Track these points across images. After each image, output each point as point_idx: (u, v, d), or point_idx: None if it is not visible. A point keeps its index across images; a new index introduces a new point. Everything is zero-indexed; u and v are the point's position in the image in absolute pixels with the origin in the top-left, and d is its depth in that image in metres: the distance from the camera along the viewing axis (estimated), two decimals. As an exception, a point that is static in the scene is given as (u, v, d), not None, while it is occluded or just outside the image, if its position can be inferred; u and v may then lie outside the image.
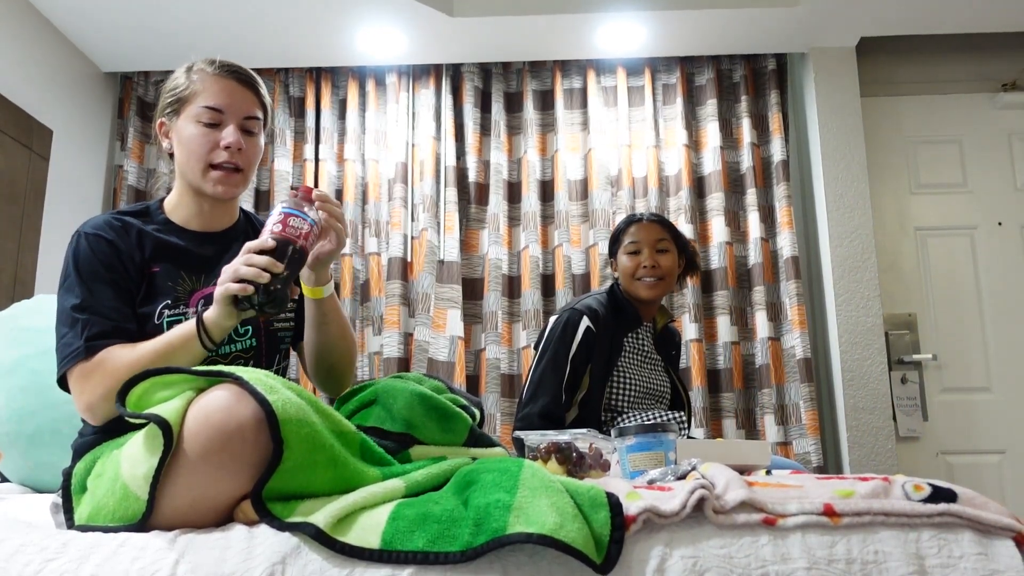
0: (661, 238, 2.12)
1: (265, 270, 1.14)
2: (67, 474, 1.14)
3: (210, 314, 1.18)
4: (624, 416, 2.01)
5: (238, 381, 0.98)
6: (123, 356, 1.19)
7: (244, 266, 1.14)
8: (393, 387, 1.23)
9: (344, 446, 1.03)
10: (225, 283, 1.14)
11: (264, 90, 1.40)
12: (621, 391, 2.05)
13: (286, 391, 1.00)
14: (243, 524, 0.97)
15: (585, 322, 2.02)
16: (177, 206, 1.38)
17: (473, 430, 1.24)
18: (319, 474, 0.98)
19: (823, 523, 0.92)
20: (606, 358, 2.03)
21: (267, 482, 0.94)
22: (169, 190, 1.45)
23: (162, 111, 1.38)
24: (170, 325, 1.26)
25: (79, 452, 1.23)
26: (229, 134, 1.31)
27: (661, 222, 2.16)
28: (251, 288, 1.14)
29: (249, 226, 1.47)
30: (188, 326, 1.19)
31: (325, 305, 1.35)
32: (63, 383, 1.24)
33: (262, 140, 1.40)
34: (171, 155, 1.38)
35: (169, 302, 1.28)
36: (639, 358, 2.12)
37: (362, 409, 1.25)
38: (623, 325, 2.10)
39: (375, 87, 3.20)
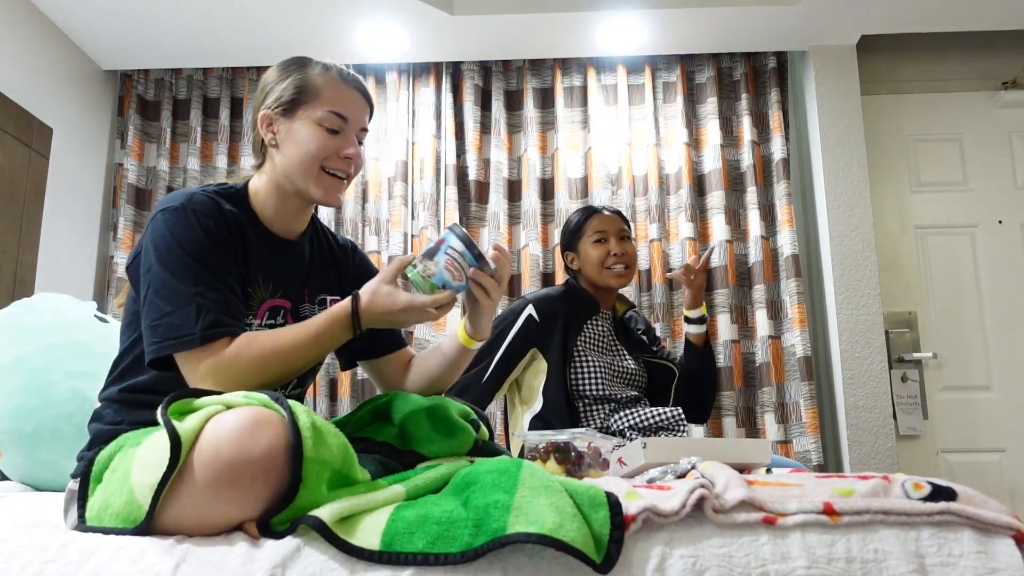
0: (622, 227, 2.18)
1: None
2: (88, 460, 1.12)
3: (370, 315, 1.20)
4: (622, 411, 2.01)
5: (280, 403, 0.99)
6: (266, 346, 1.16)
7: (430, 316, 1.21)
8: (404, 400, 1.25)
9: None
10: (409, 320, 1.21)
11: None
12: (584, 375, 2.04)
13: (323, 424, 1.01)
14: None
15: (529, 310, 2.08)
16: (262, 202, 1.33)
17: (477, 442, 1.24)
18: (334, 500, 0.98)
19: (823, 522, 0.92)
20: (562, 343, 2.03)
21: (277, 514, 0.94)
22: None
23: (272, 104, 1.31)
24: None
25: (99, 438, 1.19)
26: (352, 146, 1.32)
27: (619, 213, 2.22)
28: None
29: (316, 235, 1.43)
30: (342, 313, 1.20)
31: (468, 355, 1.40)
32: (160, 363, 1.17)
33: None
34: (263, 146, 1.34)
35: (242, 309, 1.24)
36: (600, 343, 2.12)
37: (375, 421, 1.26)
38: (581, 312, 2.11)
39: (375, 85, 3.20)
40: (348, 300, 1.21)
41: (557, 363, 2.02)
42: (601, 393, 2.02)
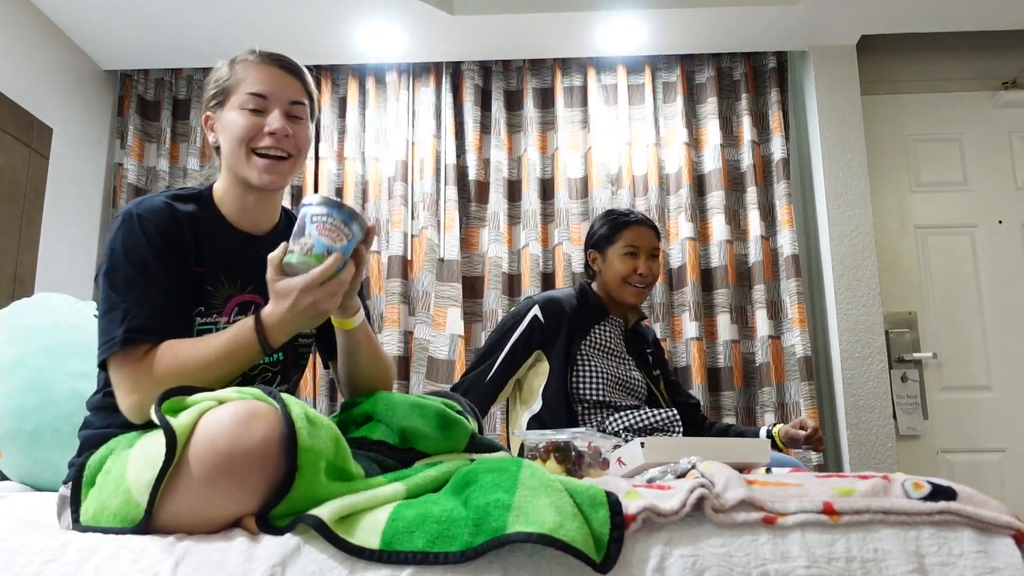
0: (655, 246, 2.13)
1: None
2: (79, 465, 1.12)
3: (279, 321, 1.12)
4: (618, 413, 2.01)
5: (273, 397, 0.99)
6: (177, 360, 1.13)
7: (338, 284, 1.12)
8: (389, 400, 1.23)
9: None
10: (322, 300, 1.11)
11: (309, 78, 1.36)
12: (585, 380, 2.03)
13: (318, 418, 1.01)
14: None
15: (534, 311, 2.06)
16: (224, 200, 1.33)
17: (474, 435, 1.24)
18: (332, 497, 0.98)
19: (823, 521, 0.92)
20: (565, 346, 2.02)
21: (275, 506, 0.94)
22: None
23: (207, 104, 1.34)
24: (199, 334, 1.22)
25: (88, 443, 1.20)
26: (274, 120, 1.27)
27: (654, 228, 2.17)
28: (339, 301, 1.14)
29: (291, 229, 1.43)
30: (246, 330, 1.14)
31: (357, 335, 1.29)
32: (105, 367, 1.18)
33: (310, 128, 1.35)
34: (217, 149, 1.34)
35: (203, 308, 1.24)
36: (605, 349, 2.10)
37: (362, 423, 1.25)
38: (588, 316, 2.10)
39: (375, 85, 3.20)
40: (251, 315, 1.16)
41: (559, 366, 2.01)
42: (600, 399, 2.02)
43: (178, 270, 1.21)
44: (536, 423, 2.03)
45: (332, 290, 1.12)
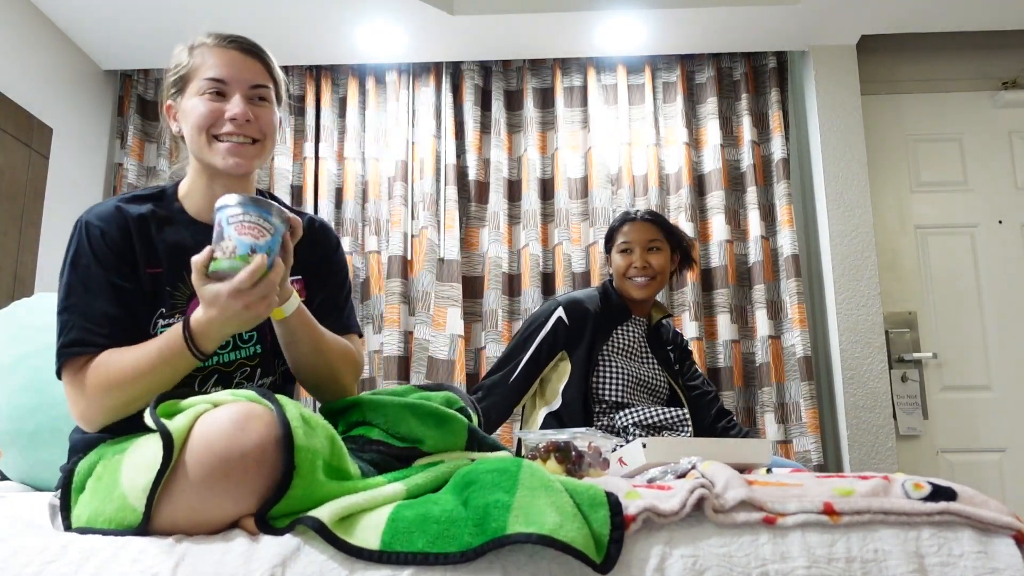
0: (653, 238, 2.13)
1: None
2: (68, 472, 1.12)
3: (207, 327, 1.07)
4: (627, 409, 2.01)
5: (268, 399, 0.98)
6: (111, 371, 1.11)
7: (269, 285, 1.06)
8: (378, 403, 1.21)
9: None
10: (254, 304, 1.05)
11: (272, 60, 1.31)
12: (607, 380, 2.04)
13: (314, 417, 1.01)
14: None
15: (559, 313, 2.08)
16: (190, 193, 1.28)
17: (473, 431, 1.23)
18: (331, 496, 0.97)
19: (823, 522, 0.92)
20: (588, 347, 2.04)
21: (274, 506, 0.94)
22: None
23: (168, 93, 1.30)
24: None
25: (78, 448, 1.20)
26: (234, 105, 1.23)
27: (655, 220, 2.16)
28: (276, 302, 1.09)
29: None
30: (176, 337, 1.09)
31: (291, 323, 1.19)
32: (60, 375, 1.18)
33: (276, 110, 1.31)
34: (182, 138, 1.29)
35: (164, 310, 1.21)
36: (627, 350, 2.12)
37: (352, 427, 1.22)
38: (611, 317, 2.11)
39: (375, 85, 3.20)
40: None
41: (581, 367, 2.03)
42: (620, 400, 2.03)
43: (127, 275, 1.19)
44: (554, 420, 2.04)
45: (263, 292, 1.05)
